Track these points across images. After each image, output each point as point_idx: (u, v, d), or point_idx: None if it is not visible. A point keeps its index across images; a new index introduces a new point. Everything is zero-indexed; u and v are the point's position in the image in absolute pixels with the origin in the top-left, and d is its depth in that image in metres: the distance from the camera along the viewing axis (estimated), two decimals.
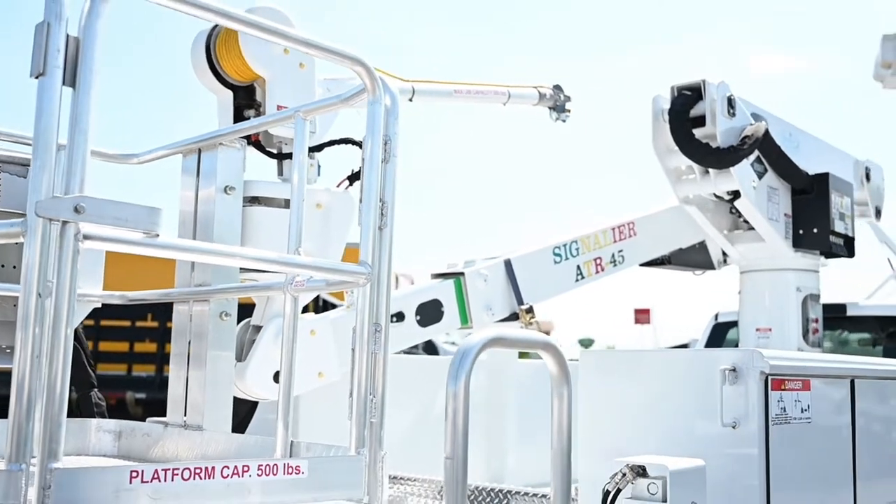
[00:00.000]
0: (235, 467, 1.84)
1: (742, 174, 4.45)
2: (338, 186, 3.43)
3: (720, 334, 6.07)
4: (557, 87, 4.56)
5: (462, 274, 3.76)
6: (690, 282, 5.34)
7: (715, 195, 4.70)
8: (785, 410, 2.40)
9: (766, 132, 4.48)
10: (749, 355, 2.33)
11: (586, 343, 47.26)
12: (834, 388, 2.70)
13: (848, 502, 2.71)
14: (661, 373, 2.51)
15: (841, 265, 5.28)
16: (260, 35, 2.08)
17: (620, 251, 4.53)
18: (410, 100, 3.87)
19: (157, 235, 1.74)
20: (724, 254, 5.23)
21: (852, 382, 2.76)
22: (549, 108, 4.54)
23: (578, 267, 4.27)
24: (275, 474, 1.90)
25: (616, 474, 2.17)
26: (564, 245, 4.21)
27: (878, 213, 5.98)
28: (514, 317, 3.89)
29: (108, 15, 1.67)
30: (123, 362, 12.10)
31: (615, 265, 4.50)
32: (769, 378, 2.33)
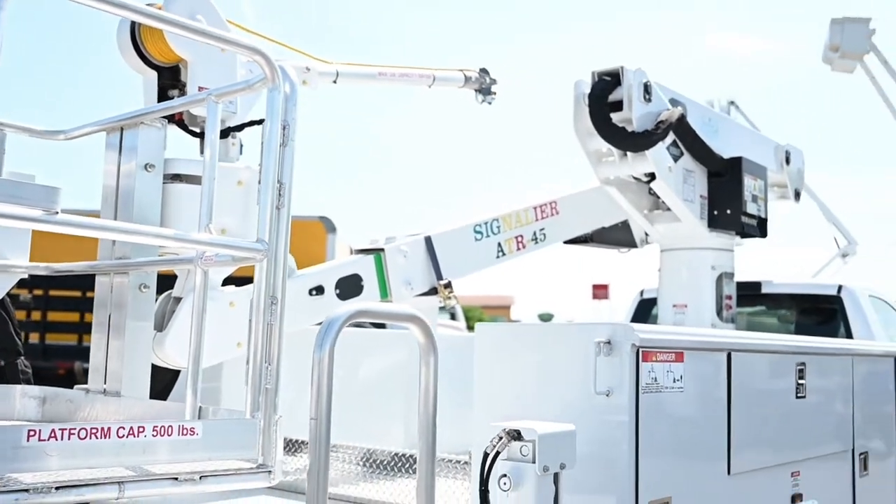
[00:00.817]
0: (131, 428, 1.99)
1: (657, 157, 4.65)
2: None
3: (646, 310, 6.31)
4: (483, 70, 4.72)
5: (382, 250, 3.93)
6: (653, 259, 5.54)
7: (633, 177, 4.91)
8: (656, 380, 2.61)
9: (682, 117, 4.68)
10: (621, 329, 2.53)
11: (546, 318, 47.80)
12: (709, 360, 2.92)
13: (721, 469, 2.94)
14: (546, 345, 2.71)
15: (794, 243, 5.53)
16: (157, 26, 2.21)
17: (542, 229, 4.73)
18: (335, 82, 4.01)
19: (57, 213, 1.89)
20: (647, 233, 5.46)
21: (729, 355, 2.98)
22: (476, 90, 4.71)
23: (499, 244, 4.47)
24: (169, 435, 2.06)
25: (494, 438, 2.37)
26: (486, 223, 4.40)
27: (797, 195, 6.23)
28: (433, 291, 4.08)
29: None
30: (74, 332, 12.11)
31: (537, 243, 4.70)
32: (640, 350, 2.54)
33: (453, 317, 16.16)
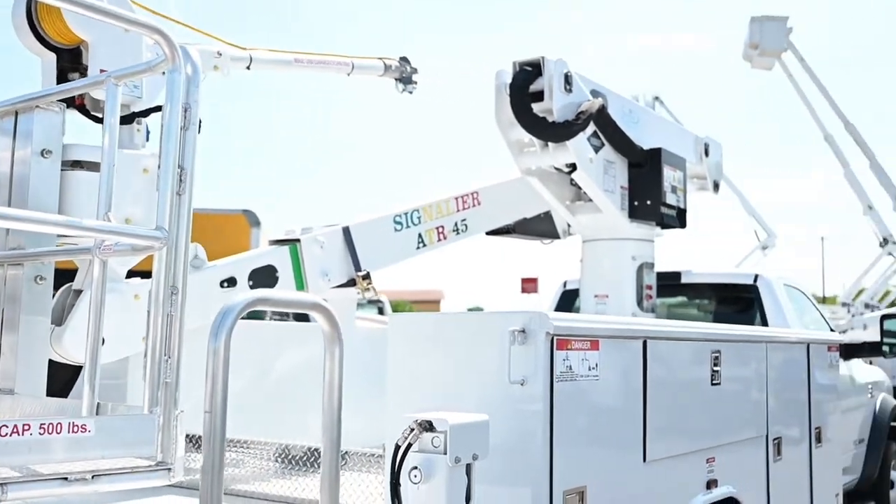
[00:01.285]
0: (15, 426, 1.87)
1: (578, 147, 4.65)
2: None
3: (569, 301, 6.33)
4: (404, 59, 4.66)
5: (298, 240, 3.84)
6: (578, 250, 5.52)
7: (555, 167, 4.91)
8: (571, 369, 2.59)
9: (602, 108, 4.69)
10: (536, 317, 2.50)
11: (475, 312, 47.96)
12: (625, 348, 2.91)
13: (637, 457, 2.94)
14: (461, 335, 2.66)
15: (717, 235, 5.59)
16: (54, 4, 2.09)
17: (464, 220, 4.69)
18: (248, 68, 3.90)
19: None
20: (569, 224, 5.47)
21: (644, 343, 2.97)
22: (396, 79, 4.64)
23: (420, 235, 4.41)
24: (58, 433, 1.94)
25: (406, 430, 2.31)
26: (406, 214, 4.34)
27: (716, 186, 6.33)
28: (351, 283, 4.00)
29: None
30: None
31: (458, 233, 4.66)
32: (555, 338, 2.51)
33: (381, 311, 16.06)
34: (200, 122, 3.31)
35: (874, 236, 21.14)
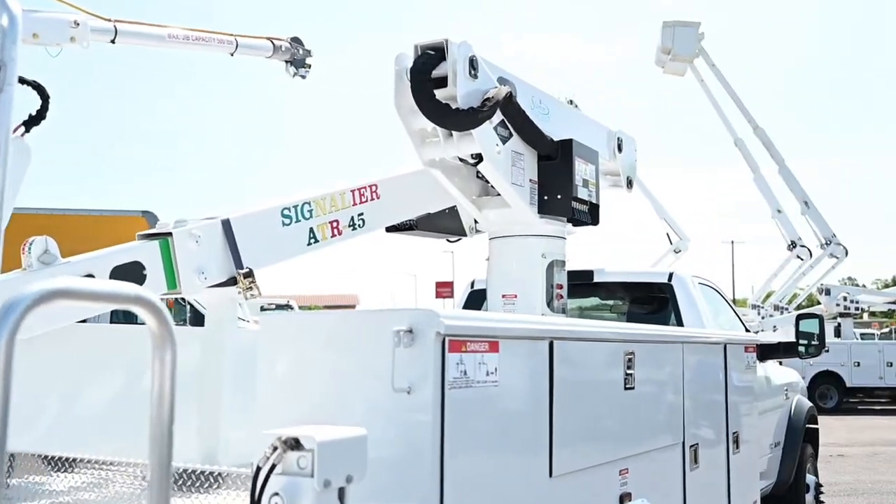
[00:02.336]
0: None
1: (484, 137, 4.33)
2: (14, 132, 3.00)
3: (478, 301, 6.03)
4: (296, 40, 4.28)
5: (170, 234, 3.42)
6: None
7: (459, 158, 4.58)
8: (466, 374, 2.26)
9: (510, 95, 4.39)
10: (423, 315, 2.17)
11: None
12: (529, 350, 2.60)
13: (542, 471, 2.63)
14: (339, 336, 2.31)
15: (634, 236, 5.34)
16: None
17: (361, 214, 4.33)
18: (113, 41, 3.48)
19: None
20: (476, 220, 5.15)
21: (551, 344, 2.67)
22: (287, 61, 4.26)
23: (311, 230, 4.03)
24: None
25: (268, 448, 1.95)
26: (295, 206, 3.95)
27: (629, 183, 6.11)
28: (232, 281, 3.60)
29: None
30: None
31: (355, 229, 4.30)
32: (447, 339, 2.18)
33: None
34: (48, 95, 2.89)
35: (782, 239, 21.58)
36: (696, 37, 20.74)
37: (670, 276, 5.58)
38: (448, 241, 5.40)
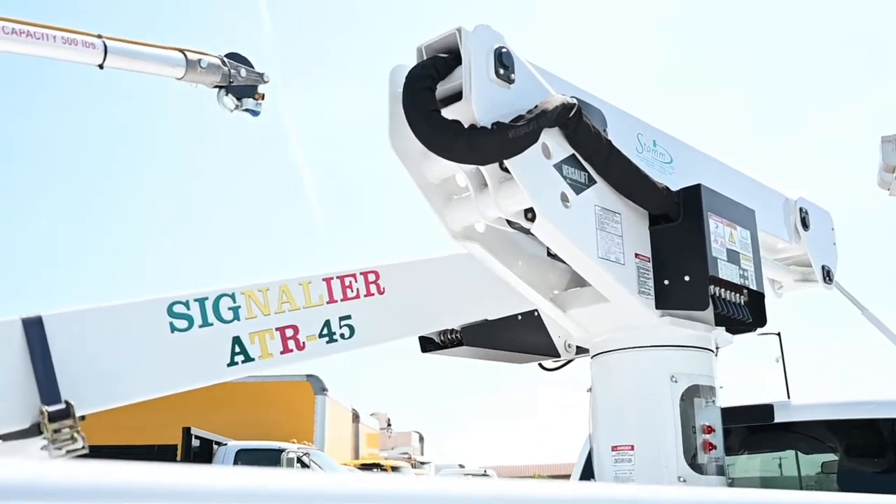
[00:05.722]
0: None
1: (532, 175, 2.61)
2: None
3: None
4: (235, 57, 2.84)
5: None
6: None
7: (509, 223, 2.86)
8: None
9: (575, 109, 2.68)
10: None
11: None
12: None
13: None
14: None
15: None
16: None
17: (346, 318, 2.67)
18: None
19: None
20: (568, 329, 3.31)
21: None
22: (219, 87, 2.80)
23: (237, 340, 2.40)
24: None
25: None
26: (200, 300, 2.36)
27: (827, 275, 4.07)
28: (34, 429, 2.01)
29: None
30: None
31: (332, 340, 2.62)
32: None
33: None
34: None
35: None
36: None
37: None
38: (541, 366, 3.59)
